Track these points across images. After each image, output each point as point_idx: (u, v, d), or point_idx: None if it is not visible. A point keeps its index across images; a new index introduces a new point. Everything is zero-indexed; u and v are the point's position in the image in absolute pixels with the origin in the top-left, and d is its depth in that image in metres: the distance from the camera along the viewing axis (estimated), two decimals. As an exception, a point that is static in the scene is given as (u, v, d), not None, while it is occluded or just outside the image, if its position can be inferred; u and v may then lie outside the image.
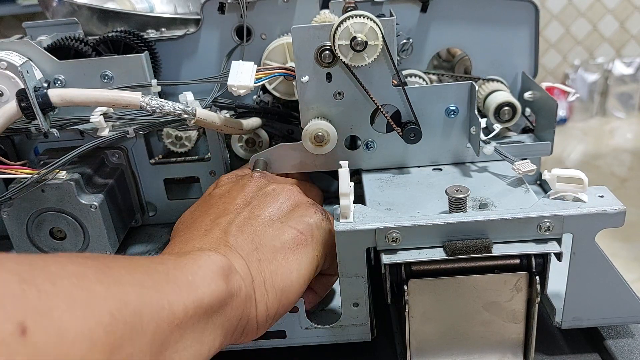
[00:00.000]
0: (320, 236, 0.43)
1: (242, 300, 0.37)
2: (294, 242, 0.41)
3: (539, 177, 0.62)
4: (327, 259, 0.44)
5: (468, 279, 0.41)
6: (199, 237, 0.41)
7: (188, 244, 0.40)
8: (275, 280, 0.40)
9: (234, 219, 0.42)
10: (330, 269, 0.45)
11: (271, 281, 0.39)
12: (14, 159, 0.54)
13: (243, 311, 0.37)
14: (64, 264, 0.28)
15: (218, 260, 0.36)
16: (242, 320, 0.37)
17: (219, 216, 0.43)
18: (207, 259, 0.36)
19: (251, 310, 0.38)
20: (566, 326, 0.44)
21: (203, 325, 0.33)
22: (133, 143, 0.56)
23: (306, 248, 0.42)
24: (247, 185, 0.46)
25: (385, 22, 0.46)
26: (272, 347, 0.46)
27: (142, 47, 0.56)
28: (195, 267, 0.35)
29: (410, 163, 0.53)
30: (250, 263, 0.39)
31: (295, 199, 0.45)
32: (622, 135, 2.77)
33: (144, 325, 0.28)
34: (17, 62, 0.49)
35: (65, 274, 0.27)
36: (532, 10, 0.59)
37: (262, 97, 0.58)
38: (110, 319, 0.26)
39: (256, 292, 0.38)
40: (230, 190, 0.46)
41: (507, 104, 0.55)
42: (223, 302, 0.35)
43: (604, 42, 2.82)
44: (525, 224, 0.40)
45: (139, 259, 0.34)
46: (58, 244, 0.53)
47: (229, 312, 0.36)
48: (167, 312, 0.30)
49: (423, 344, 0.44)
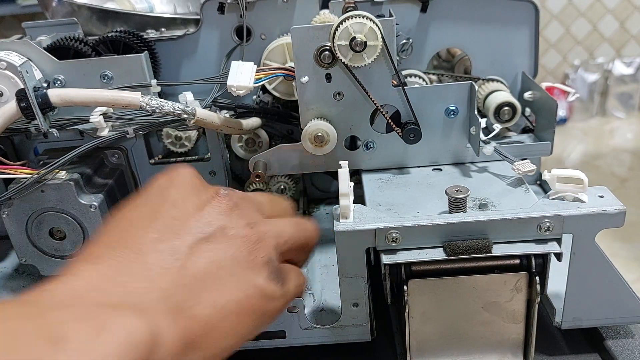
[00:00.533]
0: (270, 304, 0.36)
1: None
2: (243, 311, 0.34)
3: (539, 177, 0.62)
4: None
5: (468, 279, 0.41)
6: (130, 262, 0.31)
7: (110, 279, 0.30)
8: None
9: (184, 263, 0.32)
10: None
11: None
12: (13, 159, 0.54)
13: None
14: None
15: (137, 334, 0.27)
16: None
17: (164, 240, 0.33)
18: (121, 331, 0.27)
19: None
20: (566, 326, 0.44)
21: None
22: (133, 143, 0.56)
23: (255, 315, 0.35)
24: (207, 208, 0.35)
25: (385, 23, 0.46)
26: (272, 347, 0.46)
27: (141, 47, 0.56)
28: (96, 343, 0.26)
29: (410, 163, 0.53)
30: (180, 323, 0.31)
31: (252, 247, 0.35)
32: (622, 135, 2.77)
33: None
34: (16, 62, 0.49)
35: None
36: (532, 10, 0.59)
37: (261, 97, 0.58)
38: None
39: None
40: (184, 200, 0.35)
41: (507, 104, 0.55)
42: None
43: (604, 42, 2.82)
44: (525, 224, 0.40)
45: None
46: (58, 244, 0.53)
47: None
48: None
49: (423, 344, 0.44)
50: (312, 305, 0.49)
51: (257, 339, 0.46)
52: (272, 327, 0.46)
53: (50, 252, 0.53)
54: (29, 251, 0.53)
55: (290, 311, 0.45)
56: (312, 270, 0.54)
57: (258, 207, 0.39)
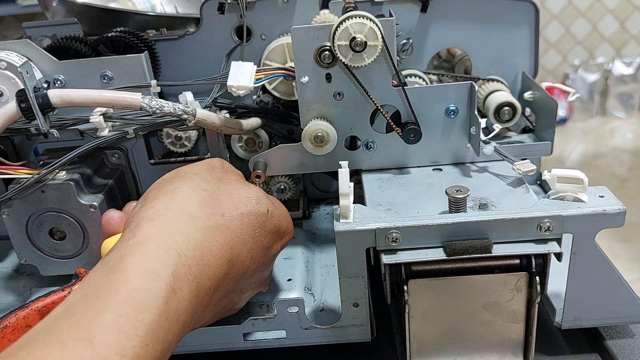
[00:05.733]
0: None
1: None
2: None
3: (539, 177, 0.62)
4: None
5: (468, 279, 0.41)
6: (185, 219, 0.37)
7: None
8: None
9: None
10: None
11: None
12: (14, 159, 0.54)
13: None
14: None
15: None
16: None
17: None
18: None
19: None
20: (566, 326, 0.44)
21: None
22: (133, 143, 0.56)
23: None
24: (270, 221, 0.43)
25: (385, 23, 0.46)
26: (272, 347, 0.46)
27: (142, 47, 0.56)
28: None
29: (410, 163, 0.53)
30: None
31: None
32: (622, 135, 2.77)
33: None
34: (17, 62, 0.49)
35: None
36: (532, 10, 0.59)
37: (262, 97, 0.58)
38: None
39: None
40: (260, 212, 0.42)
41: (507, 104, 0.55)
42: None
43: (604, 42, 2.82)
44: (525, 224, 0.40)
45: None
46: (58, 244, 0.53)
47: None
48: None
49: (423, 344, 0.44)
50: (312, 305, 0.49)
51: (257, 339, 0.46)
52: (272, 327, 0.46)
53: (50, 252, 0.53)
54: (29, 251, 0.53)
55: (290, 311, 0.45)
56: (312, 270, 0.54)
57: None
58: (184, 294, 0.33)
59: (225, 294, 0.40)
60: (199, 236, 0.36)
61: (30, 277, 0.57)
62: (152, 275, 0.32)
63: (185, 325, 0.33)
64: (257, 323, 0.45)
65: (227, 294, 0.41)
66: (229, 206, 0.40)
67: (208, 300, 0.37)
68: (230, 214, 0.40)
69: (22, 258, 0.53)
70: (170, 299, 0.32)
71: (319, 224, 0.62)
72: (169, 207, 0.37)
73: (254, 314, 0.47)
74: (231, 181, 0.43)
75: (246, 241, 0.40)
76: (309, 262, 0.55)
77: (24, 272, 0.58)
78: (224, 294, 0.40)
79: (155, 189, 0.41)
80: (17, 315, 0.40)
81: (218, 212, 0.39)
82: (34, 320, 0.41)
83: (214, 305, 0.39)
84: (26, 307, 0.41)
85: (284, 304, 0.45)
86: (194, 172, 0.42)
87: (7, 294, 0.55)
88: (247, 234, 0.40)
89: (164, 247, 0.34)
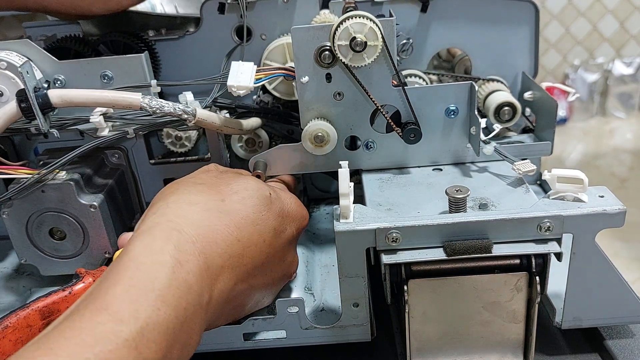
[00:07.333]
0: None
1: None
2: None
3: (539, 177, 0.62)
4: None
5: (468, 279, 0.41)
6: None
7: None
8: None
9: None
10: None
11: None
12: (14, 159, 0.54)
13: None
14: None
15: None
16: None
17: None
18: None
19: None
20: (566, 326, 0.44)
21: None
22: (133, 143, 0.56)
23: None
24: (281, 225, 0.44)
25: (385, 23, 0.46)
26: (272, 347, 0.46)
27: (142, 47, 0.56)
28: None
29: (410, 163, 0.53)
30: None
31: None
32: (622, 135, 2.76)
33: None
34: (17, 62, 0.49)
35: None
36: (532, 10, 0.59)
37: (262, 97, 0.58)
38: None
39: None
40: (269, 208, 0.43)
41: (507, 104, 0.55)
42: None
43: (604, 42, 2.81)
44: (525, 224, 0.40)
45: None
46: (58, 244, 0.53)
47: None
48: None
49: (423, 344, 0.44)
50: (312, 305, 0.49)
51: (257, 339, 0.46)
52: (272, 327, 0.46)
53: (51, 252, 0.53)
54: (29, 251, 0.53)
55: (290, 311, 0.45)
56: (312, 270, 0.54)
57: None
58: (192, 267, 0.35)
59: (251, 276, 0.41)
60: (198, 217, 0.39)
61: (31, 277, 0.57)
62: (156, 251, 0.35)
63: (201, 296, 0.35)
64: (257, 323, 0.45)
65: (253, 276, 0.41)
66: (229, 192, 0.42)
67: (227, 282, 0.38)
68: (231, 199, 0.41)
69: (22, 258, 0.53)
70: (177, 269, 0.34)
71: (319, 224, 0.62)
72: (169, 203, 0.40)
73: (254, 314, 0.47)
74: (229, 175, 0.45)
75: (254, 222, 0.41)
76: (309, 262, 0.55)
77: (24, 272, 0.58)
78: (249, 276, 0.41)
79: (156, 197, 0.43)
80: (17, 315, 0.40)
81: (217, 198, 0.41)
82: (34, 320, 0.41)
83: (246, 291, 0.41)
84: (27, 307, 0.41)
85: (284, 304, 0.45)
86: (190, 176, 0.45)
87: (7, 294, 0.55)
88: (254, 215, 0.41)
89: (166, 230, 0.36)
